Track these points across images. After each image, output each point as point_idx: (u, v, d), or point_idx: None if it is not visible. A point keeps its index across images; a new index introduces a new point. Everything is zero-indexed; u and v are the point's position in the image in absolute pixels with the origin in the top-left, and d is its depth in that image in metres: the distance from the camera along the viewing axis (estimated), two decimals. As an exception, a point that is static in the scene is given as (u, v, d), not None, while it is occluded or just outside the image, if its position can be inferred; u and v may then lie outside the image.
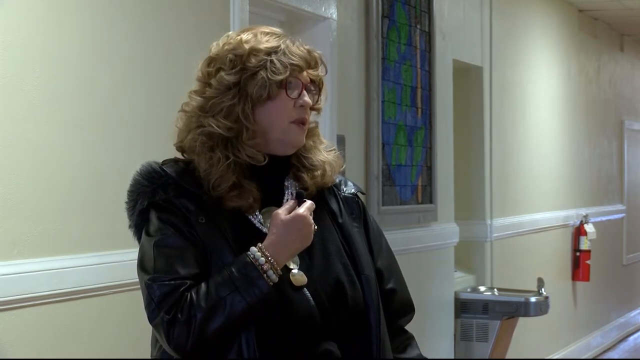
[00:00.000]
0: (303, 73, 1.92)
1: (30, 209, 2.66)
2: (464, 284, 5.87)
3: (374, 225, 2.11)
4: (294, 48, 1.92)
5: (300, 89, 1.91)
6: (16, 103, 2.63)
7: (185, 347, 1.78)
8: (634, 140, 9.77)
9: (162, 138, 2.18)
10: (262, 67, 1.88)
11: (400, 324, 2.09)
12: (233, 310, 1.78)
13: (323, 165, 1.98)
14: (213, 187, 1.88)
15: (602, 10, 8.22)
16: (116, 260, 2.85)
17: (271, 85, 1.88)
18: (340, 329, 1.89)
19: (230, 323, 1.78)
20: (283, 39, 1.93)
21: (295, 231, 1.84)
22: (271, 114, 1.91)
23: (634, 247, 9.73)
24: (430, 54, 5.18)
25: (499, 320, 5.56)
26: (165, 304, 1.79)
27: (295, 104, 1.91)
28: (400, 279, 2.11)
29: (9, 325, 2.59)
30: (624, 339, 9.15)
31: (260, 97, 1.89)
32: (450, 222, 5.52)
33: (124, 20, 3.00)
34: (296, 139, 1.93)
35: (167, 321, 1.78)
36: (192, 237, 1.85)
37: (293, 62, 1.90)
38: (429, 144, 5.16)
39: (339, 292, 1.90)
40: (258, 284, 1.79)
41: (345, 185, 2.08)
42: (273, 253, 1.82)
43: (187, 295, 1.79)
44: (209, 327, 1.77)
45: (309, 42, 2.01)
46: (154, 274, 1.82)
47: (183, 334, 1.77)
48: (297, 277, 1.87)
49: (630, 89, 9.76)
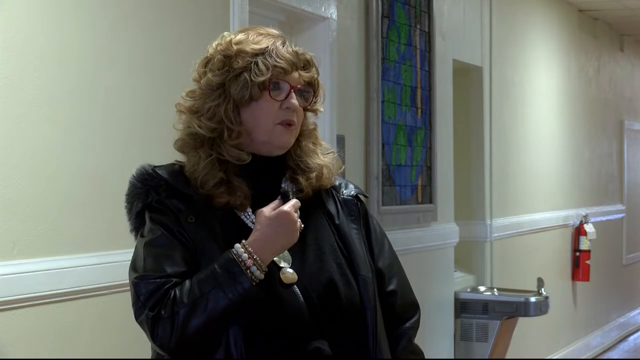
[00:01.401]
0: (293, 75, 1.92)
1: (30, 209, 2.66)
2: (464, 284, 5.87)
3: (376, 227, 2.11)
4: (282, 50, 1.92)
5: (287, 91, 1.91)
6: (16, 103, 2.63)
7: (170, 344, 1.80)
8: (634, 140, 9.77)
9: (162, 138, 2.19)
10: (245, 68, 1.89)
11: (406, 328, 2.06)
12: (215, 307, 1.78)
13: (319, 168, 1.99)
14: (201, 185, 1.89)
15: (602, 10, 8.22)
16: (116, 260, 2.85)
17: (253, 87, 1.89)
18: (334, 328, 1.89)
19: (212, 319, 1.79)
20: (273, 41, 1.93)
21: (279, 227, 1.84)
22: (255, 115, 1.92)
23: (634, 247, 9.73)
24: (430, 54, 5.18)
25: (499, 320, 5.56)
26: (150, 302, 1.80)
27: (281, 105, 1.91)
28: (402, 280, 2.10)
29: (9, 325, 2.59)
30: (623, 339, 9.15)
31: (242, 98, 1.90)
32: (450, 222, 5.52)
33: (124, 20, 3.00)
34: (281, 140, 1.93)
35: (151, 318, 1.80)
36: (181, 237, 1.86)
37: (277, 64, 1.90)
38: (428, 144, 5.16)
39: (331, 291, 1.90)
40: (240, 280, 1.79)
41: (346, 188, 2.09)
42: (257, 249, 1.82)
43: (171, 292, 1.80)
44: (191, 323, 1.78)
45: (309, 42, 2.01)
46: (142, 273, 1.84)
47: (167, 330, 1.79)
48: (287, 274, 1.87)
49: (630, 89, 9.76)
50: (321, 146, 2.03)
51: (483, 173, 6.12)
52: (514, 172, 6.66)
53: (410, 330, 2.07)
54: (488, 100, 6.17)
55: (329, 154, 2.04)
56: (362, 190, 2.13)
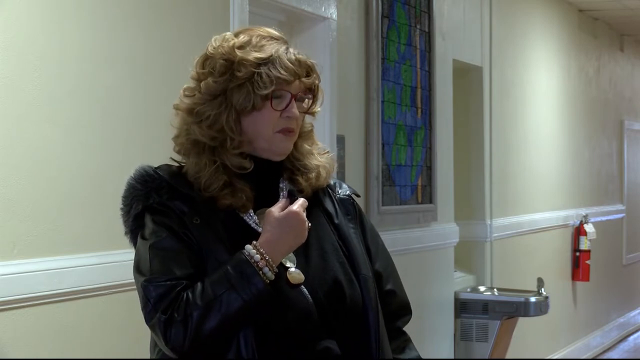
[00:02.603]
0: (294, 83, 1.91)
1: (30, 209, 2.66)
2: (464, 284, 5.87)
3: (370, 227, 2.12)
4: (285, 59, 1.89)
5: (288, 100, 1.90)
6: (16, 103, 2.63)
7: (183, 347, 1.78)
8: (634, 140, 9.77)
9: (161, 138, 2.18)
10: (248, 79, 1.88)
11: (399, 325, 2.09)
12: (229, 308, 1.77)
13: (317, 169, 1.99)
14: (204, 188, 1.89)
15: (602, 10, 8.22)
16: (115, 260, 2.85)
17: (256, 98, 1.88)
18: (340, 328, 1.89)
19: (226, 321, 1.78)
20: (276, 48, 1.90)
21: (288, 227, 1.84)
22: (257, 124, 1.91)
23: (634, 247, 9.73)
24: (430, 54, 5.18)
25: (499, 320, 5.56)
26: (161, 305, 1.79)
27: (281, 114, 1.90)
28: (398, 280, 2.12)
29: (9, 325, 2.58)
30: (623, 339, 9.15)
31: (245, 108, 1.89)
32: (450, 222, 5.52)
33: (124, 20, 3.00)
34: (281, 147, 1.94)
35: (163, 321, 1.78)
36: (187, 239, 1.85)
37: (281, 76, 1.88)
38: (428, 144, 5.16)
39: (337, 291, 1.90)
40: (254, 281, 1.79)
41: (340, 188, 2.10)
42: (268, 250, 1.82)
43: (183, 294, 1.79)
44: (205, 325, 1.77)
45: (309, 42, 2.01)
46: (150, 276, 1.82)
47: (180, 333, 1.77)
48: (294, 275, 1.87)
49: (630, 89, 9.76)
50: (317, 146, 2.03)
51: (483, 173, 6.12)
52: (514, 172, 6.66)
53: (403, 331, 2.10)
54: (488, 100, 6.17)
55: (325, 154, 2.04)
56: (355, 190, 2.14)
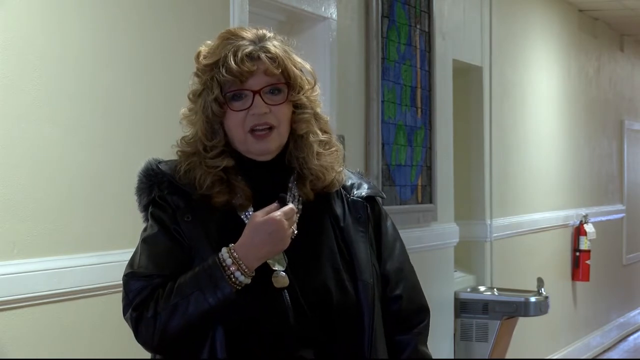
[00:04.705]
0: (254, 79, 1.86)
1: (30, 209, 2.66)
2: (464, 284, 5.87)
3: (389, 230, 2.05)
4: (230, 60, 1.85)
5: (251, 97, 1.87)
6: (16, 103, 2.63)
7: (152, 343, 1.82)
8: (634, 140, 9.77)
9: (162, 138, 2.18)
10: (205, 86, 1.89)
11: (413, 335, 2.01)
12: (195, 310, 1.78)
13: (318, 172, 1.94)
14: (198, 185, 1.88)
15: (602, 10, 8.22)
16: (116, 260, 2.85)
17: (212, 104, 1.87)
18: (324, 334, 1.87)
19: (191, 322, 1.79)
20: (230, 49, 1.86)
21: (264, 233, 1.80)
22: (229, 127, 1.90)
23: (634, 247, 9.73)
24: (430, 54, 5.18)
25: (499, 320, 5.56)
26: (136, 299, 1.83)
27: (247, 113, 1.88)
28: (411, 284, 2.06)
29: (9, 325, 2.59)
30: (623, 339, 9.14)
31: (208, 115, 1.89)
32: (450, 222, 5.52)
33: (124, 20, 3.00)
34: (256, 148, 1.90)
35: (135, 317, 1.82)
36: (177, 235, 1.86)
37: (223, 78, 1.86)
38: (428, 144, 5.16)
39: (324, 297, 1.87)
40: (220, 286, 1.78)
41: (358, 189, 2.03)
42: (242, 254, 1.80)
43: (158, 292, 1.81)
44: (170, 324, 1.79)
45: (309, 42, 2.00)
46: (134, 269, 1.85)
47: (149, 330, 1.81)
48: (278, 278, 1.85)
49: (630, 89, 9.76)
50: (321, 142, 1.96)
51: (483, 173, 6.12)
52: (514, 172, 6.66)
53: (418, 337, 2.02)
54: (488, 100, 6.17)
55: (332, 151, 1.98)
56: (377, 191, 2.07)
